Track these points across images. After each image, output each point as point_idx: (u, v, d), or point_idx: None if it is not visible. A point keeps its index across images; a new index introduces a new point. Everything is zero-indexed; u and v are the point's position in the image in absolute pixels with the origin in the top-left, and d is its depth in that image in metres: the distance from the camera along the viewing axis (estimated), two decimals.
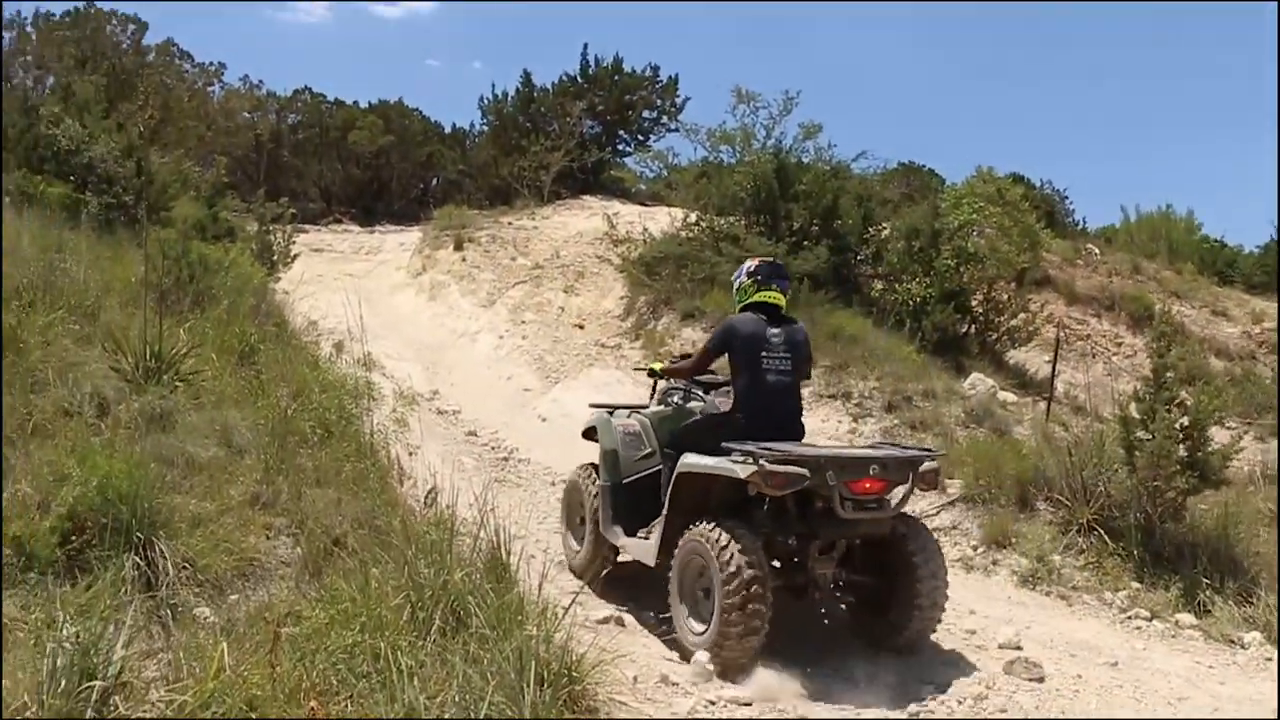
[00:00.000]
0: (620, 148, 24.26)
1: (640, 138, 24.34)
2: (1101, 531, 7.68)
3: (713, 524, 5.55)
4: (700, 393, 6.82)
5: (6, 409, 5.81)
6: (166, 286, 8.70)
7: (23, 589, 4.57)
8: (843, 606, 6.21)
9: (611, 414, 7.06)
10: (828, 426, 10.82)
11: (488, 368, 14.78)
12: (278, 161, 24.83)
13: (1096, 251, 20.03)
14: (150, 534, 5.01)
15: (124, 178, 10.53)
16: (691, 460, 5.91)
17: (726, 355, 6.26)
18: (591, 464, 7.16)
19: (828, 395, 11.38)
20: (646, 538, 6.32)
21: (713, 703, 5.05)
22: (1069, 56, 69.81)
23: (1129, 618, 6.94)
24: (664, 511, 6.11)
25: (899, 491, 5.89)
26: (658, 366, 7.21)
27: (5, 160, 10.32)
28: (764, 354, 6.10)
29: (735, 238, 15.04)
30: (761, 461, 5.41)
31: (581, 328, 16.07)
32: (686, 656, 5.60)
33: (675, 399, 6.99)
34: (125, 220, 10.16)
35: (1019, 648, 6.12)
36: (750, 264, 6.54)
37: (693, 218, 16.05)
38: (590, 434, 7.17)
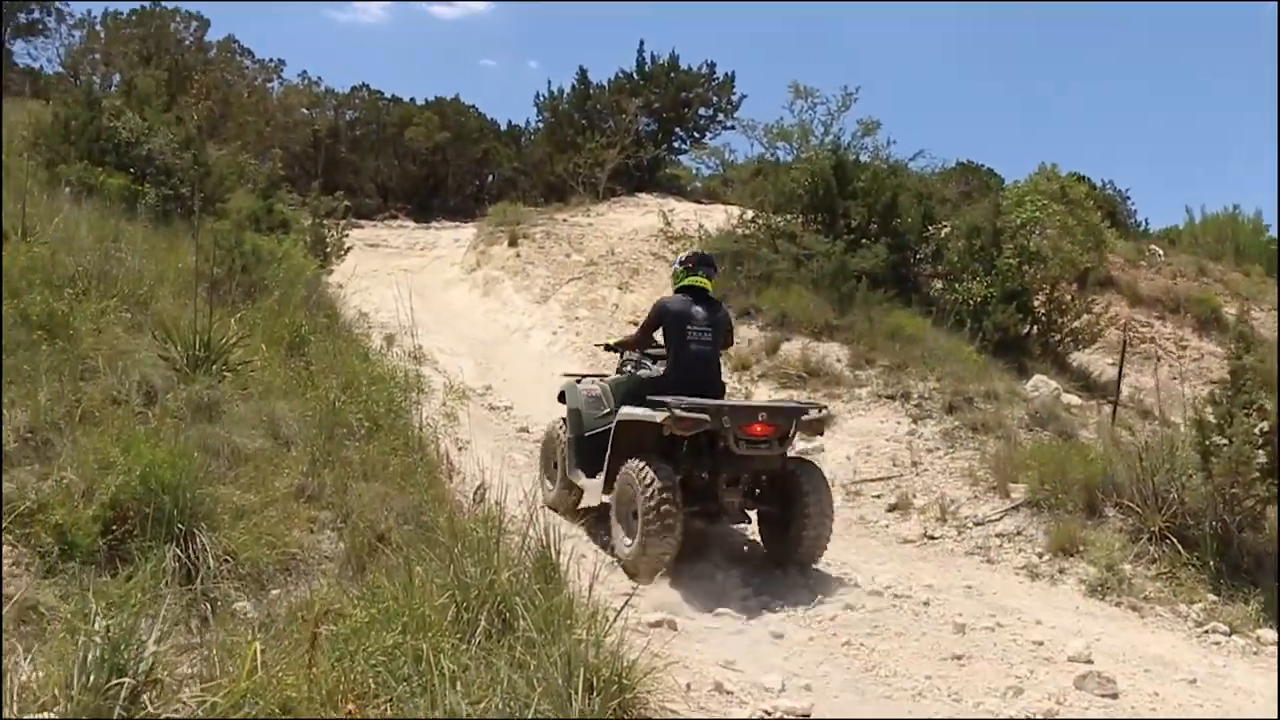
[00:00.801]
0: (676, 145, 24.05)
1: (696, 135, 24.11)
2: (1174, 540, 7.37)
3: (640, 462, 6.88)
4: (649, 363, 8.08)
5: (55, 395, 5.74)
6: (219, 277, 8.66)
7: (62, 578, 4.48)
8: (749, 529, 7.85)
9: (579, 381, 8.42)
10: (885, 428, 10.55)
11: (540, 364, 14.64)
12: (335, 157, 24.93)
13: (1160, 253, 19.48)
14: (191, 525, 4.91)
15: (181, 169, 10.54)
16: (626, 410, 7.33)
17: (660, 327, 7.64)
18: (563, 418, 8.35)
19: (886, 396, 11.10)
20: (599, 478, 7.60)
21: (769, 713, 4.84)
22: (1131, 54, 68.49)
23: (1206, 632, 6.61)
24: (607, 453, 7.37)
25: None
26: (612, 341, 8.70)
27: (67, 152, 10.35)
28: (689, 327, 7.50)
29: (792, 235, 14.80)
30: (673, 410, 6.75)
31: (636, 324, 15.88)
32: (621, 566, 6.95)
33: (628, 368, 8.21)
34: (182, 211, 10.14)
35: (1090, 661, 5.84)
36: (683, 255, 8.22)
37: (749, 215, 15.81)
38: (563, 397, 8.37)
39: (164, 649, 3.61)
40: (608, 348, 8.69)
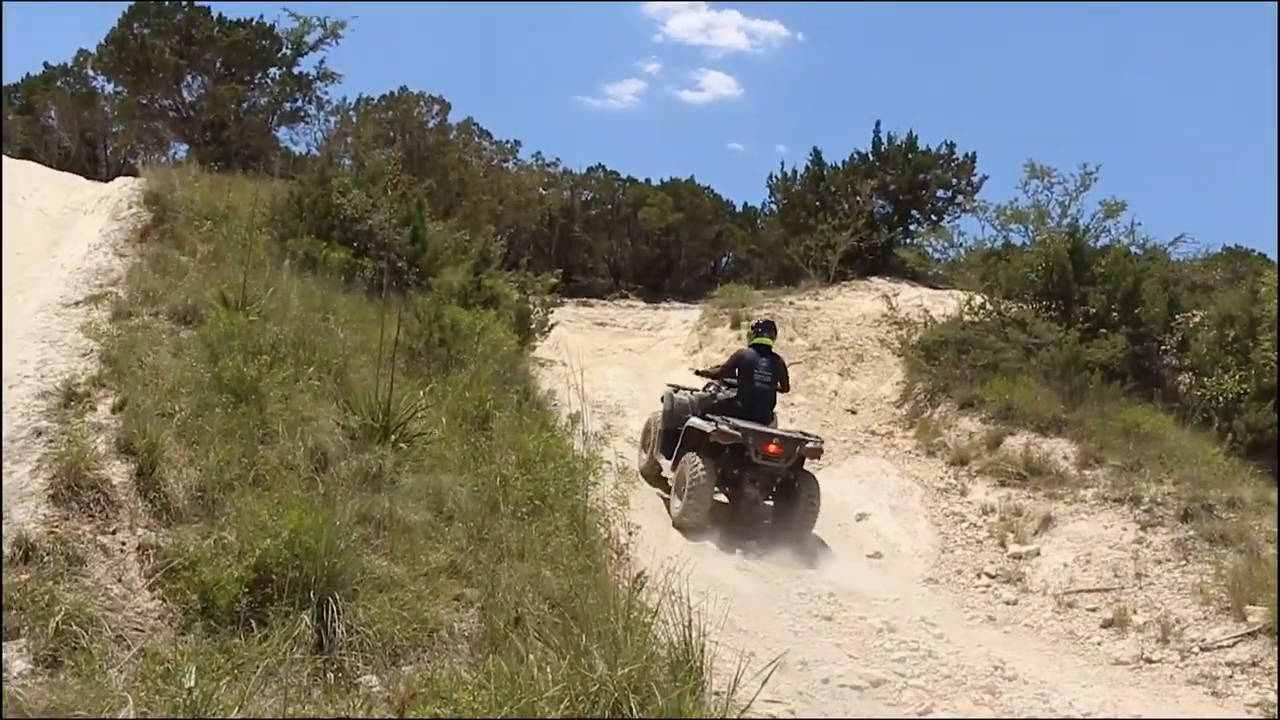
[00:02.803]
0: (912, 228, 23.35)
1: (934, 218, 23.34)
2: None
3: (694, 455, 9.90)
4: (725, 389, 10.88)
5: (230, 457, 5.92)
6: (417, 349, 8.88)
7: (198, 636, 4.54)
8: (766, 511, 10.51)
9: (677, 391, 11.34)
10: (1110, 534, 9.66)
11: None
12: (569, 236, 25.64)
13: None
14: (329, 593, 4.90)
15: (399, 244, 11.02)
16: (692, 420, 10.38)
17: (736, 369, 10.74)
18: (661, 412, 11.34)
19: (1113, 499, 10.17)
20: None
21: None
22: None
23: None
24: (678, 444, 10.40)
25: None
26: (701, 369, 12.26)
27: (297, 226, 10.99)
28: (756, 371, 10.62)
29: (1022, 323, 14.01)
30: (719, 426, 9.84)
31: (854, 413, 15.41)
32: (673, 523, 9.93)
33: (711, 389, 11.13)
34: (396, 285, 10.55)
35: None
36: (755, 321, 11.96)
37: (978, 300, 15.10)
38: (662, 400, 11.43)
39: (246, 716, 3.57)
40: (698, 373, 11.97)
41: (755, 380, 10.56)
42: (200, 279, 9.25)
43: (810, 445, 10.18)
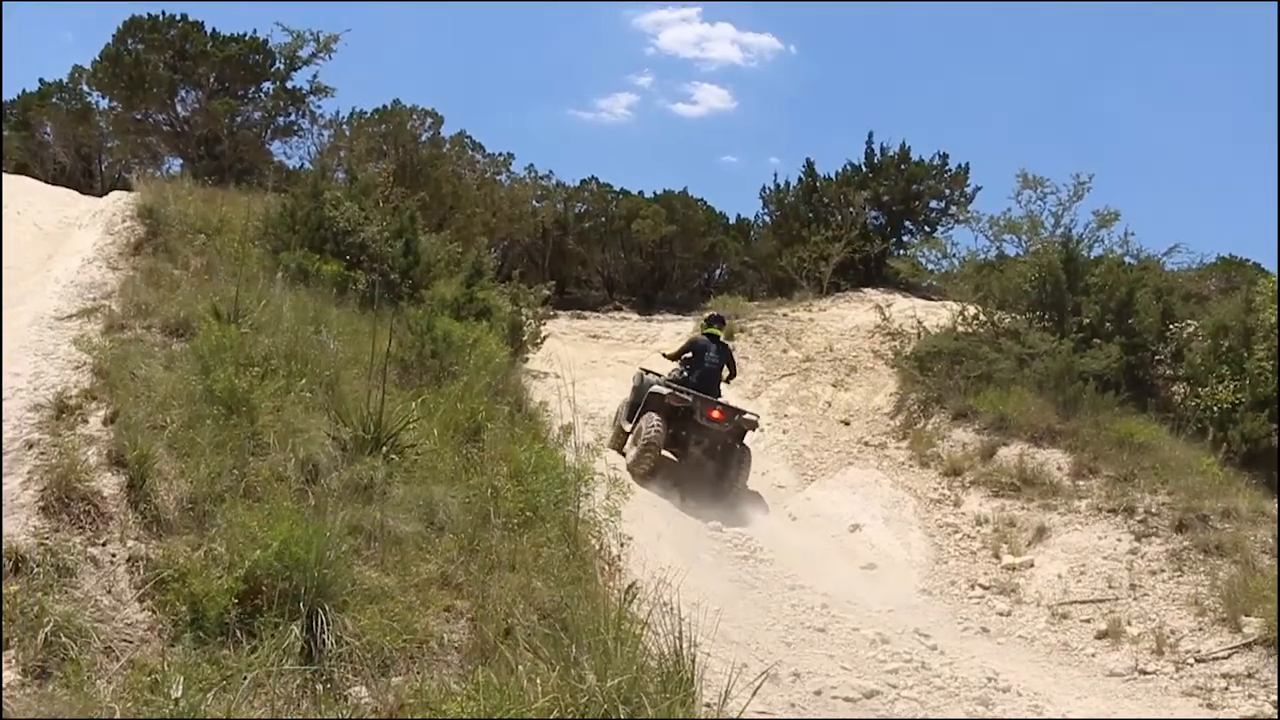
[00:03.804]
0: (905, 239, 23.39)
1: (927, 228, 23.37)
2: None
3: (652, 414, 11.72)
4: (685, 370, 12.62)
5: (220, 469, 5.91)
6: (409, 361, 8.87)
7: (179, 646, 4.53)
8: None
9: (647, 373, 13.11)
10: (1104, 544, 9.66)
11: None
12: (562, 249, 25.61)
13: None
14: (319, 604, 4.88)
15: (392, 257, 11.02)
16: (654, 387, 12.16)
17: (690, 352, 12.77)
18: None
19: (1107, 510, 10.18)
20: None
21: None
22: None
23: None
24: (640, 406, 12.14)
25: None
26: (667, 353, 13.74)
27: (290, 239, 10.98)
28: (706, 355, 12.63)
29: (1016, 333, 14.03)
30: (674, 391, 11.81)
31: (847, 424, 15.40)
32: (626, 468, 11.36)
33: (675, 373, 12.71)
34: (389, 297, 10.54)
35: None
36: (707, 314, 14.80)
37: (971, 311, 15.12)
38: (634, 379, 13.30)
39: None
40: (665, 355, 13.71)
41: (706, 363, 12.56)
42: (193, 292, 9.23)
43: (747, 417, 12.23)
